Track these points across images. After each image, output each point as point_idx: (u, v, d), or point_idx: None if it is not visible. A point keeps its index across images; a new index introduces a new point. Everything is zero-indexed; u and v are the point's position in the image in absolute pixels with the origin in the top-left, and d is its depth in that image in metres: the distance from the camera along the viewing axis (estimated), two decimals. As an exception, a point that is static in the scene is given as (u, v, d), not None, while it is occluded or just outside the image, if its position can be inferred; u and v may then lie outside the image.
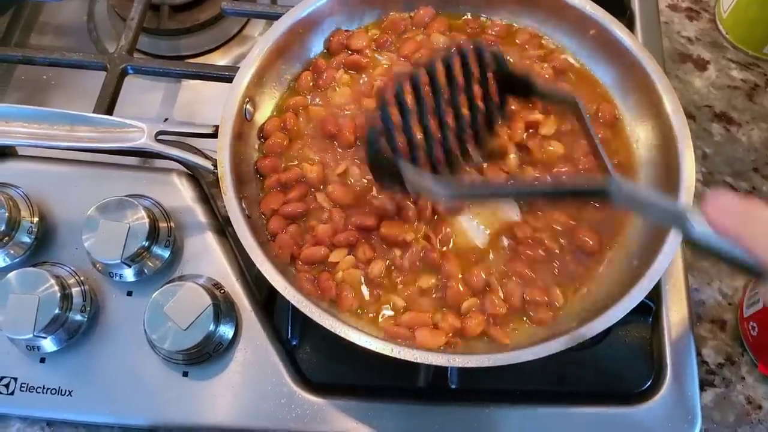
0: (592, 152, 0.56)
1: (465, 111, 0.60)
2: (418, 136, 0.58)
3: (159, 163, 0.72)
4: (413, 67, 0.57)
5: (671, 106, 0.63)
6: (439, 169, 0.59)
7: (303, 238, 0.63)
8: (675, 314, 0.66)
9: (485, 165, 0.64)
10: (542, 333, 0.59)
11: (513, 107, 0.66)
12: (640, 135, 0.67)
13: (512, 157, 0.65)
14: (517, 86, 0.61)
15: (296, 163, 0.67)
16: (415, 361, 0.53)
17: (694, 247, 0.42)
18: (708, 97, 0.83)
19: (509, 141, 0.65)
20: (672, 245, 0.57)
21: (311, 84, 0.71)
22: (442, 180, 0.55)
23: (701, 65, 0.85)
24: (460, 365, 0.53)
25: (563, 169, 0.65)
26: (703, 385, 0.67)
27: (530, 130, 0.67)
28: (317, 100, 0.70)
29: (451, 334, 0.58)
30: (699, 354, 0.68)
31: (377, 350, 0.53)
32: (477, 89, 0.60)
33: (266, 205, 0.65)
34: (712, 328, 0.70)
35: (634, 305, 0.55)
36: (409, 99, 0.56)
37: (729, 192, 0.39)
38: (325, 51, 0.73)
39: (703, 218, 0.41)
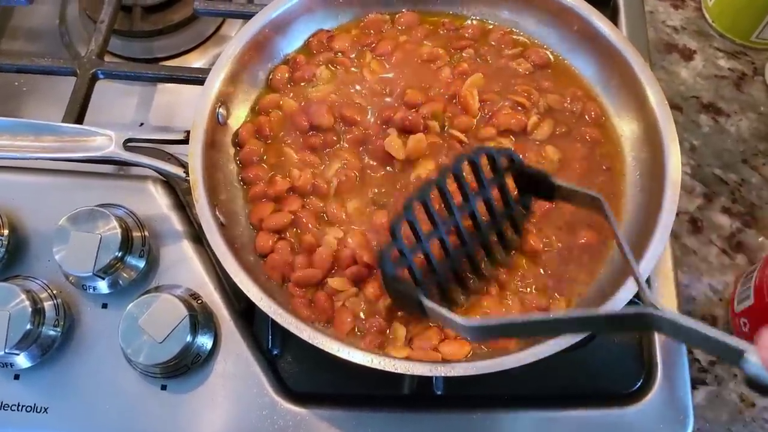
0: (621, 255, 0.53)
1: (485, 218, 0.57)
2: (437, 257, 0.55)
3: (135, 170, 0.70)
4: (422, 187, 0.54)
5: (655, 99, 0.62)
6: (467, 284, 0.58)
7: (293, 254, 0.61)
8: (665, 312, 0.65)
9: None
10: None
11: None
12: (625, 130, 0.66)
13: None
14: (537, 186, 0.58)
15: (277, 168, 0.65)
16: (395, 371, 0.51)
17: (749, 384, 0.41)
18: (695, 87, 0.81)
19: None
20: (658, 246, 0.56)
21: (287, 78, 0.69)
22: (466, 320, 0.51)
23: (687, 55, 0.84)
24: (443, 374, 0.51)
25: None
26: (695, 383, 0.65)
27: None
28: (291, 95, 0.68)
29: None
30: (690, 352, 0.66)
31: (357, 361, 0.52)
32: (495, 193, 0.57)
33: (255, 216, 0.63)
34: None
35: (622, 305, 0.53)
36: (424, 220, 0.54)
37: None
38: (303, 48, 0.71)
39: (757, 357, 0.40)
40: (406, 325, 0.58)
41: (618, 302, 0.54)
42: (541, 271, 0.60)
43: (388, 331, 0.58)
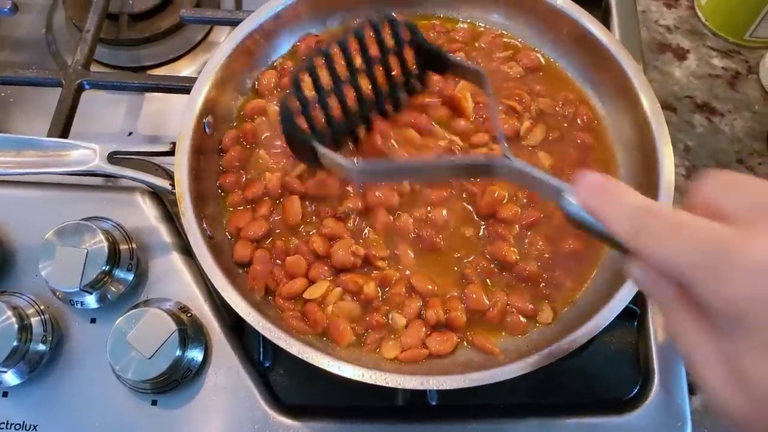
0: (492, 124, 0.58)
1: (381, 81, 0.60)
2: (335, 110, 0.58)
3: (122, 181, 0.69)
4: (326, 41, 0.58)
5: (648, 104, 0.61)
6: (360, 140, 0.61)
7: (273, 264, 0.60)
8: (661, 317, 0.64)
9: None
10: (523, 343, 0.57)
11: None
12: (618, 135, 0.65)
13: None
14: (432, 61, 0.61)
15: (255, 174, 0.64)
16: (386, 385, 0.51)
17: (569, 221, 0.42)
18: (689, 87, 0.80)
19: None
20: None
21: (274, 83, 0.68)
22: (354, 160, 0.55)
23: (681, 54, 0.83)
24: (434, 388, 0.51)
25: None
26: (692, 388, 0.64)
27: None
28: (275, 102, 0.67)
29: (455, 336, 0.57)
30: (688, 356, 0.65)
31: (348, 376, 0.51)
32: (394, 59, 0.60)
33: (232, 225, 0.62)
34: (701, 328, 0.68)
35: (617, 314, 0.52)
36: (324, 75, 0.56)
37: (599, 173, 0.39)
38: (290, 54, 0.70)
39: (574, 197, 0.41)
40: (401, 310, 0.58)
41: (612, 310, 0.53)
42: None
43: (390, 319, 0.58)
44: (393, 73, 0.60)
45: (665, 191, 0.57)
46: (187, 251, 0.65)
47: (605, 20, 0.77)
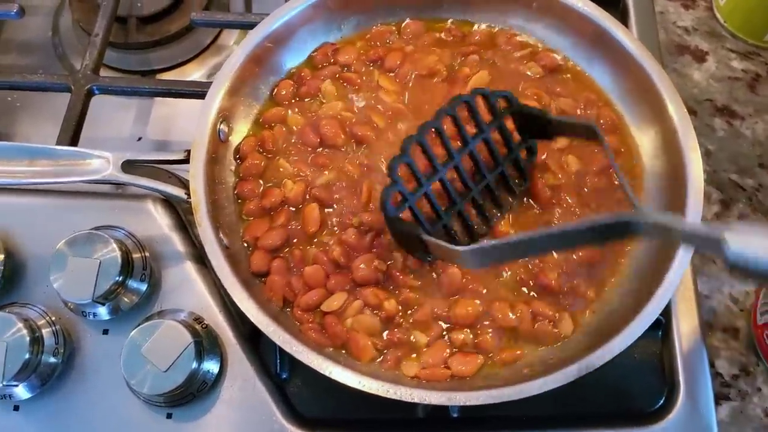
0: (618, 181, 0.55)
1: (486, 161, 0.58)
2: (441, 202, 0.57)
3: (133, 189, 0.67)
4: (419, 129, 0.55)
5: (674, 107, 0.60)
6: (472, 226, 0.59)
7: (291, 274, 0.59)
8: (685, 325, 0.63)
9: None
10: (547, 355, 0.56)
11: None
12: (643, 140, 0.64)
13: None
14: (534, 126, 0.58)
15: (274, 182, 0.63)
16: (412, 401, 0.49)
17: (732, 269, 0.40)
18: (708, 90, 0.79)
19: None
20: (684, 258, 0.54)
21: (292, 92, 0.67)
22: (468, 250, 0.50)
23: (700, 56, 0.81)
24: (462, 403, 0.49)
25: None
26: (718, 399, 0.63)
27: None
28: (296, 110, 0.66)
29: (480, 356, 0.56)
30: (712, 366, 0.64)
31: (373, 392, 0.50)
32: (496, 136, 0.58)
33: (249, 234, 0.60)
34: (725, 337, 0.67)
35: (646, 328, 0.51)
36: (422, 163, 0.55)
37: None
38: (307, 62, 0.69)
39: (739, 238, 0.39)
40: (424, 330, 0.57)
41: (643, 322, 0.52)
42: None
43: (411, 337, 0.56)
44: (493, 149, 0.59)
45: (694, 198, 0.56)
46: (200, 260, 0.63)
47: (623, 21, 0.75)
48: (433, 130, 0.55)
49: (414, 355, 0.56)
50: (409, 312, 0.57)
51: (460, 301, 0.57)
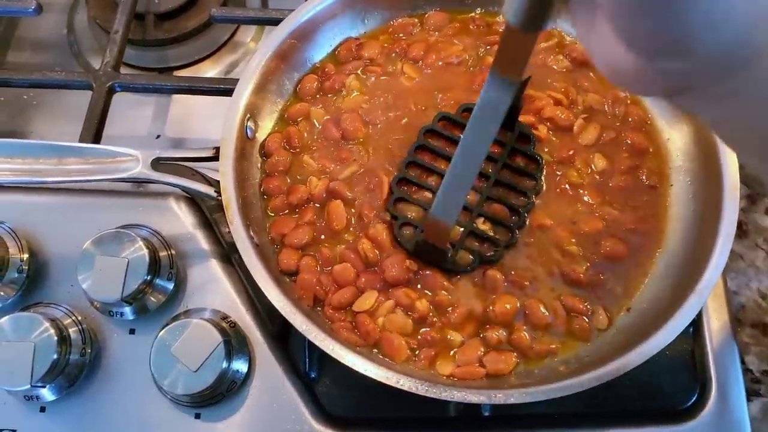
0: None
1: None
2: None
3: (155, 187, 0.67)
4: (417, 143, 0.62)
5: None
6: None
7: (320, 272, 0.59)
8: (716, 321, 0.62)
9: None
10: (583, 352, 0.55)
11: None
12: (673, 135, 0.63)
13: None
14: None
15: (300, 179, 0.63)
16: (452, 400, 0.49)
17: None
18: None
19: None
20: (720, 260, 0.53)
21: (316, 87, 0.66)
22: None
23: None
24: (501, 402, 0.49)
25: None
26: (749, 395, 0.63)
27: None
28: (320, 105, 0.65)
29: (515, 354, 0.55)
30: (742, 362, 0.64)
31: (412, 390, 0.49)
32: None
33: (276, 231, 0.60)
34: (754, 333, 0.66)
35: (686, 324, 0.51)
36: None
37: None
38: (331, 57, 0.69)
39: None
40: (457, 329, 0.57)
41: (681, 321, 0.52)
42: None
43: (448, 336, 0.56)
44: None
45: (730, 194, 0.55)
46: (226, 259, 0.63)
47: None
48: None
49: (449, 354, 0.55)
50: (444, 312, 0.57)
51: (500, 298, 0.56)
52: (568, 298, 0.57)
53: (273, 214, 0.62)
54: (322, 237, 0.60)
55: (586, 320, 0.57)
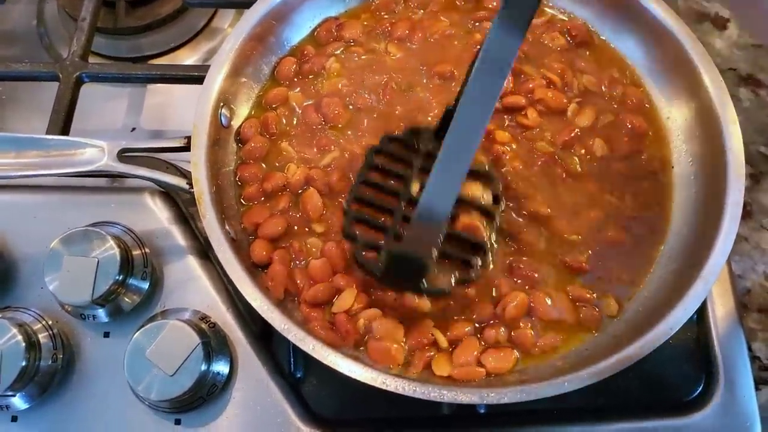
0: None
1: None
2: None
3: (129, 182, 0.64)
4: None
5: (710, 78, 0.56)
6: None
7: (295, 265, 0.55)
8: (721, 307, 0.60)
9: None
10: (585, 346, 0.52)
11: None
12: (675, 116, 0.60)
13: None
14: None
15: (277, 166, 0.60)
16: (442, 401, 0.46)
17: None
18: (731, 59, 0.75)
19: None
20: (726, 244, 0.50)
21: (294, 70, 0.63)
22: None
23: (721, 24, 0.78)
24: (495, 402, 0.46)
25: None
26: (757, 383, 0.60)
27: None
28: (298, 89, 0.62)
29: (516, 352, 0.52)
30: (749, 349, 0.61)
31: (396, 391, 0.46)
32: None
33: (249, 220, 0.57)
34: (761, 318, 0.63)
35: (691, 314, 0.48)
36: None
37: None
38: (310, 39, 0.66)
39: None
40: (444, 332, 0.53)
41: (686, 311, 0.49)
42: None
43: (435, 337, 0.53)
44: None
45: (734, 173, 0.52)
46: (204, 255, 0.60)
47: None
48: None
49: (443, 355, 0.52)
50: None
51: (509, 296, 0.53)
52: (574, 288, 0.55)
53: (246, 203, 0.58)
54: (296, 228, 0.57)
55: (596, 309, 0.54)
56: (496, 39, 0.40)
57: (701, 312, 0.59)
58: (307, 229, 0.57)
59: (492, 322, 0.53)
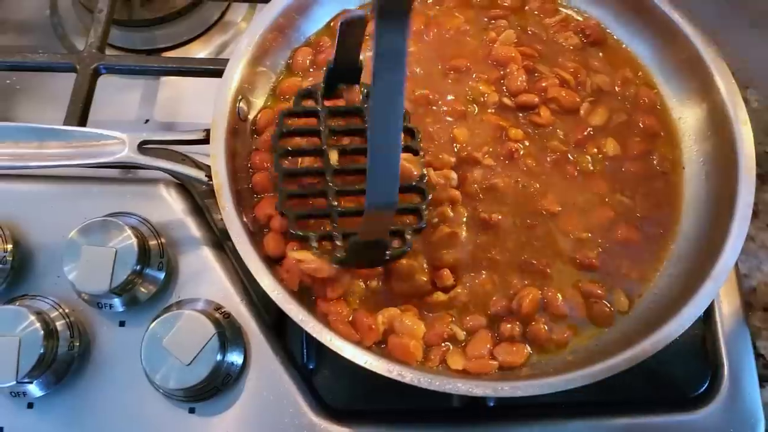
0: None
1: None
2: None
3: (144, 173, 0.65)
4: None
5: (721, 78, 0.57)
6: None
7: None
8: (727, 305, 0.60)
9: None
10: (594, 342, 0.53)
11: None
12: (686, 116, 0.61)
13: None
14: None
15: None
16: (457, 393, 0.46)
17: None
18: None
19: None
20: (736, 244, 0.51)
21: (309, 61, 0.64)
22: None
23: (730, 26, 0.78)
24: (508, 395, 0.46)
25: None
26: (762, 381, 0.61)
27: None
28: (311, 79, 0.63)
29: (528, 347, 0.53)
30: (754, 347, 0.62)
31: (412, 383, 0.47)
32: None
33: (261, 211, 0.57)
34: (766, 316, 0.64)
35: (701, 313, 0.49)
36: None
37: None
38: (326, 30, 0.66)
39: None
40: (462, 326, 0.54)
41: (697, 308, 0.50)
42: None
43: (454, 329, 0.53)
44: None
45: (746, 174, 0.53)
46: (219, 246, 0.60)
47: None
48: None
49: (458, 348, 0.53)
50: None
51: (522, 292, 0.54)
52: (584, 284, 0.55)
53: (257, 194, 0.58)
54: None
55: (607, 305, 0.55)
56: (384, 42, 0.41)
57: (707, 310, 0.59)
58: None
59: (506, 317, 0.54)
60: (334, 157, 0.55)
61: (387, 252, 0.52)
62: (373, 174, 0.44)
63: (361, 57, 0.55)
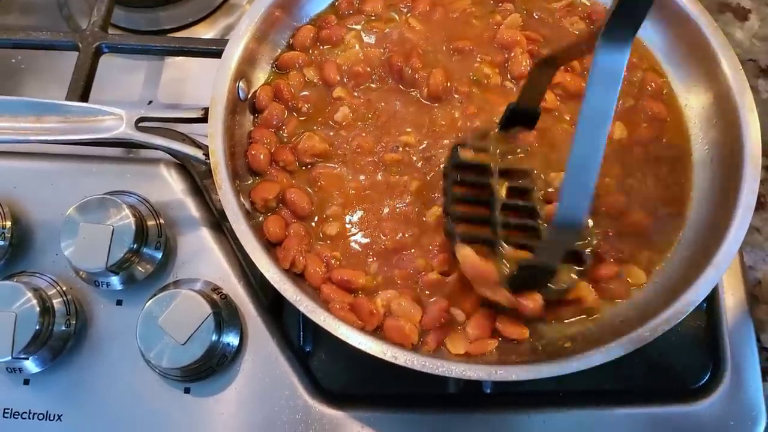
0: None
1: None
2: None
3: (145, 153, 0.65)
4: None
5: (729, 65, 0.56)
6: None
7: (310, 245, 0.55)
8: (731, 297, 0.60)
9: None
10: (593, 328, 0.53)
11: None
12: (693, 103, 0.60)
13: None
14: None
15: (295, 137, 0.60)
16: (450, 375, 0.46)
17: None
18: (752, 50, 0.75)
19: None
20: (739, 232, 0.50)
21: (312, 39, 0.63)
22: None
23: (742, 15, 0.77)
24: (502, 379, 0.46)
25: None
26: (764, 374, 0.60)
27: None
28: (312, 56, 0.63)
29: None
30: (758, 340, 0.61)
31: (406, 364, 0.47)
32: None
33: (257, 195, 0.56)
34: (771, 309, 0.63)
35: (701, 300, 0.48)
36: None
37: None
38: (330, 9, 0.65)
39: None
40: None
41: (698, 293, 0.49)
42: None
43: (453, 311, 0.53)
44: None
45: (751, 161, 0.52)
46: (217, 227, 0.60)
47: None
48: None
49: (458, 331, 0.52)
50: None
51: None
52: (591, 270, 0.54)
53: (253, 174, 0.58)
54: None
55: (619, 280, 0.54)
56: (604, 60, 0.41)
57: (711, 301, 0.59)
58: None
59: None
60: (502, 192, 0.53)
61: (549, 284, 0.50)
62: (567, 189, 0.44)
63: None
